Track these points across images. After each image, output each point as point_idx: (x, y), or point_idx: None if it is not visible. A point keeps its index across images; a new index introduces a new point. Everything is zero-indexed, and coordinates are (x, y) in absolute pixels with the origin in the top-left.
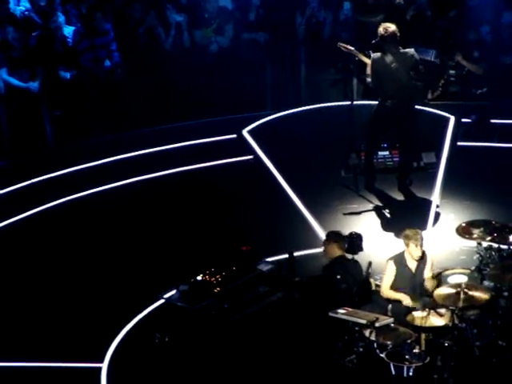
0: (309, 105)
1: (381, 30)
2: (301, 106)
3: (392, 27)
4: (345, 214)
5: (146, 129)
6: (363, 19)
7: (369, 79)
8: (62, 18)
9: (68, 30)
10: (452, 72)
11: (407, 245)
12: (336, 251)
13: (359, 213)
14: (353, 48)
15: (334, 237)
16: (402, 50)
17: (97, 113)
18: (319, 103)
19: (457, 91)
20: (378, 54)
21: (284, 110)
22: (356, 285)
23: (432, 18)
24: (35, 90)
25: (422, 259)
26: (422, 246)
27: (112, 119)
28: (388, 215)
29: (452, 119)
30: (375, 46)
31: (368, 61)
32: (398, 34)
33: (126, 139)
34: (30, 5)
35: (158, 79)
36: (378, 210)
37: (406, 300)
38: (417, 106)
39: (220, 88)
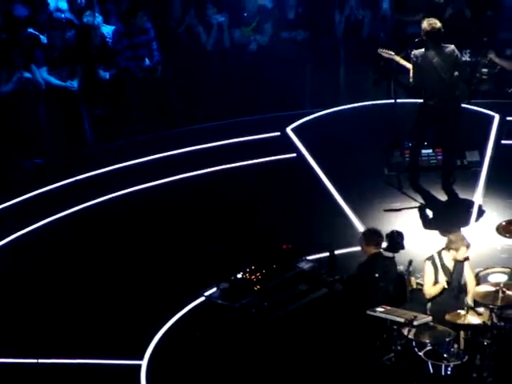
0: (348, 104)
1: (426, 25)
2: (340, 105)
3: (438, 23)
4: (385, 211)
5: (186, 128)
6: (402, 18)
7: (410, 80)
8: (99, 18)
9: (107, 30)
10: (484, 70)
11: (456, 249)
12: (372, 249)
13: (399, 210)
14: (393, 53)
15: (369, 234)
16: (443, 46)
17: (137, 112)
18: (358, 102)
19: (489, 89)
20: (421, 51)
21: (323, 109)
22: (392, 283)
23: (471, 17)
24: (74, 89)
25: (461, 262)
26: (467, 247)
27: (152, 118)
28: (430, 213)
29: (496, 117)
30: (417, 44)
31: (408, 64)
32: (442, 31)
33: (166, 138)
34: (68, 5)
35: (198, 78)
36: (420, 208)
37: (442, 280)
38: (462, 105)
39: (259, 87)
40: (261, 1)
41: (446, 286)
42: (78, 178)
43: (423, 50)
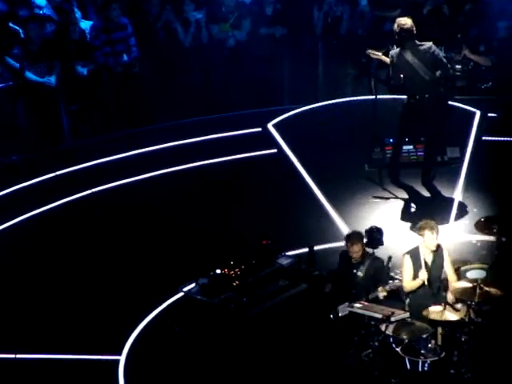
0: (326, 100)
1: (395, 26)
2: (318, 101)
3: (407, 23)
4: (374, 197)
5: (165, 124)
6: (380, 14)
7: (395, 80)
8: (78, 14)
9: (85, 25)
10: (458, 67)
11: (422, 235)
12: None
13: (380, 207)
14: (380, 53)
15: (351, 239)
16: (418, 44)
17: (114, 108)
18: (337, 98)
19: (463, 86)
20: (397, 51)
21: (302, 105)
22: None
23: (449, 14)
24: (52, 85)
25: (437, 252)
26: (437, 234)
27: (129, 114)
28: (410, 209)
29: (477, 114)
30: (397, 41)
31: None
32: (414, 29)
33: (144, 134)
34: (46, 0)
35: (175, 74)
36: (399, 204)
37: (422, 275)
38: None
39: (237, 83)
40: None
41: (425, 283)
42: (57, 173)
43: (398, 49)
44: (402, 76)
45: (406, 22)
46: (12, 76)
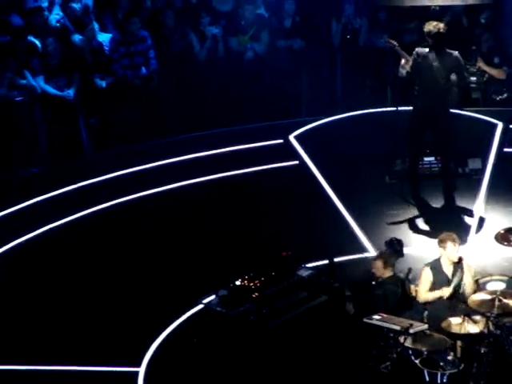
0: (344, 112)
1: (431, 27)
2: (336, 113)
3: (441, 25)
4: (388, 224)
5: (184, 136)
6: (398, 26)
7: (403, 70)
8: (96, 26)
9: (103, 38)
10: (473, 79)
11: (444, 248)
12: (388, 273)
13: (400, 219)
14: (397, 44)
15: (381, 258)
16: (447, 51)
17: (133, 120)
18: (355, 110)
19: (478, 98)
20: (424, 50)
21: (320, 117)
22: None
23: (468, 25)
24: (71, 98)
25: (458, 264)
26: (457, 246)
27: (148, 127)
28: (430, 221)
29: (499, 125)
30: (421, 46)
31: (407, 56)
32: (446, 34)
33: (163, 147)
34: (63, 13)
35: (194, 86)
36: (420, 216)
37: (446, 291)
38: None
39: (255, 95)
40: (258, 9)
41: (444, 297)
42: (77, 185)
43: (427, 49)
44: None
45: (439, 24)
46: (29, 91)
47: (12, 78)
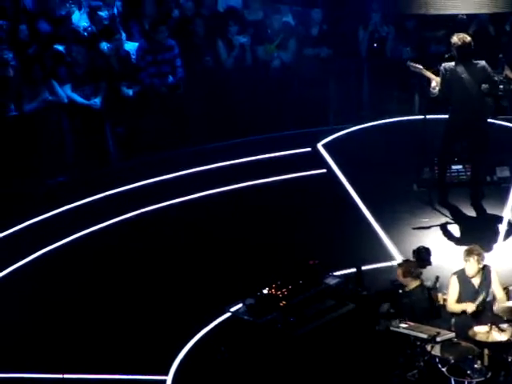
0: (371, 121)
1: (456, 40)
2: (363, 122)
3: (468, 38)
4: (414, 229)
5: (211, 145)
6: (425, 34)
7: (434, 91)
8: (123, 35)
9: (130, 46)
10: (500, 87)
11: (466, 260)
12: (413, 283)
13: (428, 227)
14: (421, 66)
15: (401, 267)
16: (474, 62)
17: (159, 129)
18: (382, 119)
19: (505, 106)
20: (451, 64)
21: (350, 125)
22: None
23: (495, 34)
24: (97, 107)
25: (484, 273)
26: (478, 262)
27: (176, 135)
28: (458, 229)
29: None
30: (447, 59)
31: (435, 77)
32: (473, 46)
33: (191, 155)
34: (91, 22)
35: (221, 95)
36: (448, 224)
37: (470, 307)
38: (489, 120)
39: (282, 103)
40: (285, 17)
41: (469, 311)
42: (104, 194)
43: (453, 63)
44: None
45: (466, 37)
46: (55, 99)
47: (40, 91)
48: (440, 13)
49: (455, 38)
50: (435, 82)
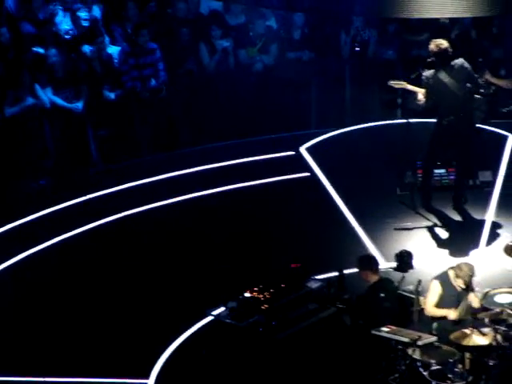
0: (353, 124)
1: (433, 47)
2: (346, 125)
3: (444, 43)
4: (396, 229)
5: (193, 148)
6: (408, 38)
7: (420, 103)
8: (106, 39)
9: (113, 50)
10: (481, 91)
11: (457, 276)
12: (370, 276)
13: (410, 229)
14: (403, 82)
15: (363, 265)
16: (452, 63)
17: (142, 132)
18: (364, 122)
19: (484, 110)
20: (431, 72)
21: (333, 129)
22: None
23: (476, 38)
24: (78, 111)
25: None
26: (469, 283)
27: (158, 138)
28: (441, 233)
29: (511, 137)
30: (428, 64)
31: (419, 89)
32: (451, 50)
33: (173, 158)
34: (73, 25)
35: (204, 98)
36: (430, 228)
37: (452, 314)
38: (477, 125)
39: (265, 107)
40: (268, 21)
41: (451, 318)
42: (86, 197)
43: (433, 70)
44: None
45: (443, 42)
46: (37, 103)
47: (22, 95)
48: (423, 17)
49: (432, 45)
50: (420, 94)
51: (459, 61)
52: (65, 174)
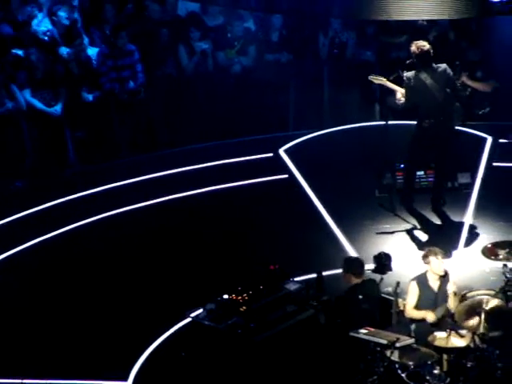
0: (332, 126)
1: (414, 48)
2: (324, 127)
3: (426, 45)
4: (377, 233)
5: (172, 150)
6: (386, 40)
7: (399, 102)
8: (85, 40)
9: (92, 52)
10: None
11: (428, 262)
12: (353, 279)
13: (391, 232)
14: (383, 78)
15: (347, 267)
16: (435, 66)
17: (120, 134)
18: (343, 124)
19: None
20: (413, 72)
21: (312, 131)
22: (373, 303)
23: (454, 40)
24: (57, 114)
25: (445, 278)
26: (442, 259)
27: (136, 140)
28: (420, 235)
29: (489, 140)
30: (409, 66)
31: (399, 88)
32: (432, 52)
33: (151, 160)
34: (53, 26)
35: (182, 100)
36: (409, 230)
37: (430, 316)
38: (457, 127)
39: (243, 109)
40: (246, 23)
41: (429, 321)
42: (64, 199)
43: (414, 71)
44: (412, 98)
45: (424, 44)
46: (15, 105)
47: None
48: (401, 19)
49: (414, 47)
50: (400, 93)
51: (443, 65)
52: (42, 176)
